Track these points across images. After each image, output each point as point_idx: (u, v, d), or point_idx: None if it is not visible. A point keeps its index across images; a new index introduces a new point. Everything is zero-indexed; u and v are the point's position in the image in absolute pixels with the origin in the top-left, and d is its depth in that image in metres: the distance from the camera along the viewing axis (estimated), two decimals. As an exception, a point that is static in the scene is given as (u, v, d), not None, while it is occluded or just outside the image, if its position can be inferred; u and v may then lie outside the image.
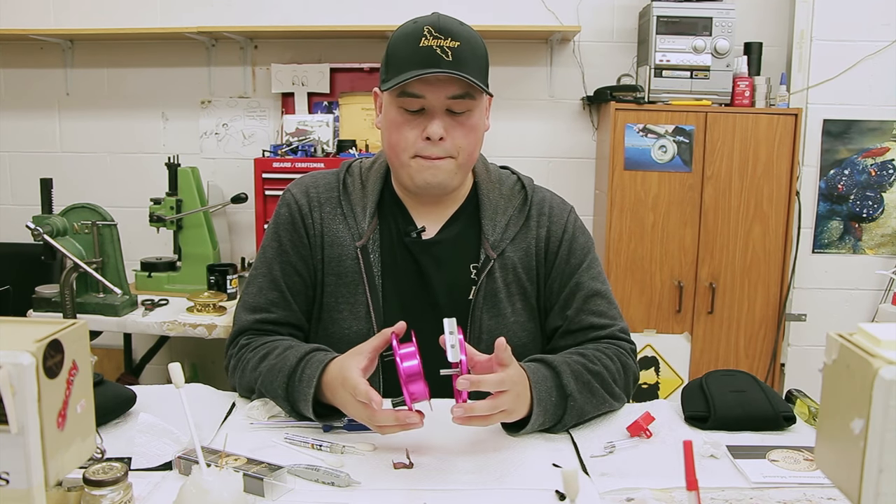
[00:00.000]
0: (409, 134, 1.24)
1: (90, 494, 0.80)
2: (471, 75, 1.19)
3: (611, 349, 1.30)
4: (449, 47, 1.18)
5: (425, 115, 1.23)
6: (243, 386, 1.29)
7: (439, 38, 1.18)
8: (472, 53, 1.21)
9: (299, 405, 1.16)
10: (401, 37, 1.23)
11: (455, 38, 1.19)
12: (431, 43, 1.18)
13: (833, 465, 0.63)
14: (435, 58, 1.18)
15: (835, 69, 2.89)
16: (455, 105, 1.22)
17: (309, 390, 1.14)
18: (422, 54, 1.18)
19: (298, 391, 1.16)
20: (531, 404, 1.12)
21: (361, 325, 1.30)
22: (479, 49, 1.23)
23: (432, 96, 1.20)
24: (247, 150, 3.27)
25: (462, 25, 1.22)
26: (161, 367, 3.20)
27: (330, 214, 1.34)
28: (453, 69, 1.18)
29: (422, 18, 1.22)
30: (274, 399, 1.22)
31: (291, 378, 1.17)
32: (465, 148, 1.26)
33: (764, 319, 2.87)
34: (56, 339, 0.63)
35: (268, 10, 3.18)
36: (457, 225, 1.36)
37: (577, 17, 3.12)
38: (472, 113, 1.25)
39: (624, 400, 1.28)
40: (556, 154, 3.23)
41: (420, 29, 1.19)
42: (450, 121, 1.23)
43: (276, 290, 1.33)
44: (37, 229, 2.28)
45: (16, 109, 3.35)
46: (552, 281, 1.36)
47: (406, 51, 1.20)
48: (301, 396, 1.15)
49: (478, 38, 1.24)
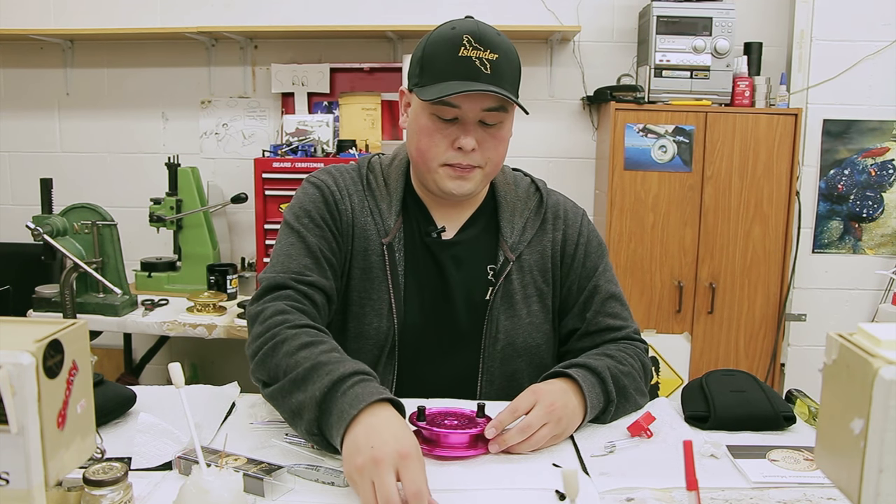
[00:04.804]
0: (441, 142, 1.24)
1: (90, 494, 0.80)
2: (506, 89, 1.20)
3: (630, 349, 1.32)
4: (488, 59, 1.18)
5: (457, 124, 1.23)
6: (268, 366, 1.11)
7: (479, 49, 1.18)
8: (508, 66, 1.21)
9: (331, 418, 1.00)
10: (439, 42, 1.21)
11: (494, 50, 1.19)
12: (471, 54, 1.18)
13: (833, 465, 0.63)
14: (474, 70, 1.18)
15: (835, 69, 2.89)
16: (488, 117, 1.22)
17: (351, 410, 0.97)
18: (461, 65, 1.18)
19: (337, 405, 1.00)
20: (584, 413, 1.16)
21: (382, 323, 1.29)
22: (515, 61, 1.24)
23: (468, 107, 1.21)
24: (247, 150, 3.27)
25: (499, 36, 1.22)
26: (161, 367, 3.20)
27: (359, 206, 1.33)
28: (492, 83, 1.18)
29: (459, 24, 1.21)
30: (299, 406, 1.05)
31: (337, 386, 1.02)
32: (493, 159, 1.27)
33: (764, 319, 2.87)
34: (56, 339, 0.63)
35: (268, 10, 3.18)
36: (476, 226, 1.36)
37: (577, 17, 3.12)
38: (504, 125, 1.25)
39: (647, 397, 1.31)
40: (556, 154, 3.23)
41: (459, 37, 1.19)
42: (481, 132, 1.23)
43: (311, 257, 1.24)
44: (37, 229, 2.28)
45: (16, 109, 3.35)
46: (570, 283, 1.37)
47: (444, 59, 1.19)
48: (336, 411, 1.00)
49: (513, 49, 1.24)
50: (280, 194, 2.90)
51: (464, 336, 1.32)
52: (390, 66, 3.15)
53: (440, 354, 1.31)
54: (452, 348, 1.32)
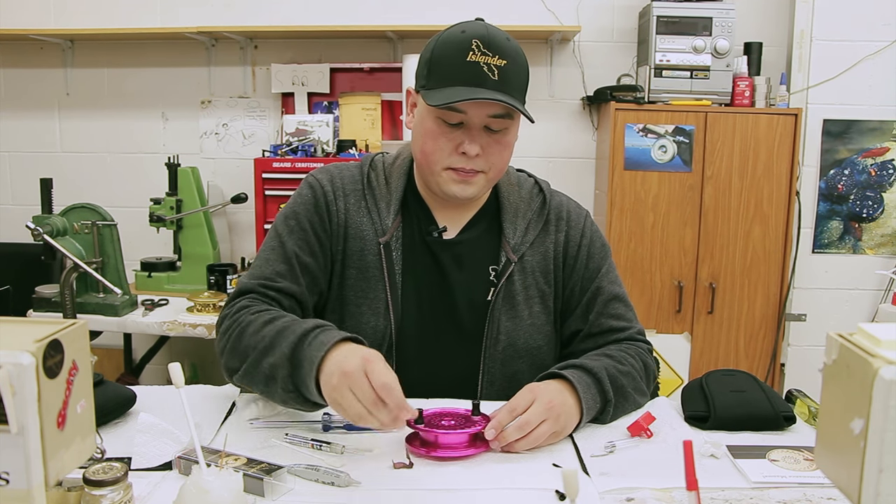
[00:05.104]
0: (445, 146, 1.24)
1: (90, 494, 0.80)
2: (514, 96, 1.20)
3: (632, 349, 1.33)
4: (496, 65, 1.18)
5: (463, 128, 1.23)
6: (238, 350, 1.17)
7: (487, 54, 1.18)
8: (515, 73, 1.21)
9: (303, 370, 1.06)
10: (447, 45, 1.21)
11: (503, 56, 1.18)
12: (479, 59, 1.17)
13: (833, 465, 0.63)
14: (482, 76, 1.17)
15: (835, 69, 2.89)
16: (494, 123, 1.22)
17: (318, 353, 1.04)
18: (469, 70, 1.17)
19: (306, 354, 1.07)
20: (580, 413, 1.15)
21: (379, 322, 1.30)
22: (523, 67, 1.23)
23: (473, 113, 1.21)
24: (247, 150, 3.27)
25: (509, 41, 1.21)
26: (161, 367, 3.20)
27: (354, 206, 1.33)
28: (499, 90, 1.18)
29: (469, 28, 1.21)
30: (272, 368, 1.11)
31: (302, 339, 1.08)
32: (496, 164, 1.27)
33: (764, 319, 2.87)
34: (56, 339, 0.63)
35: (268, 10, 3.18)
36: (478, 227, 1.36)
37: (577, 17, 3.12)
38: (509, 131, 1.25)
39: (648, 397, 1.31)
40: (556, 154, 3.23)
41: (468, 41, 1.18)
42: (486, 137, 1.23)
43: (285, 263, 1.28)
44: (37, 229, 2.28)
45: (16, 109, 3.35)
46: (573, 285, 1.37)
47: (452, 63, 1.19)
48: (307, 360, 1.06)
49: (522, 54, 1.24)
50: (280, 194, 2.90)
51: (464, 337, 1.32)
52: (390, 66, 3.15)
53: (440, 355, 1.31)
54: (453, 349, 1.32)
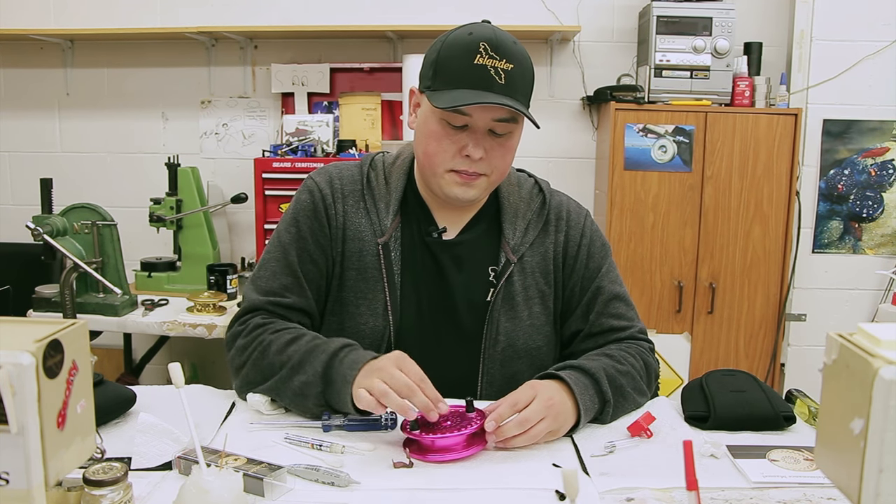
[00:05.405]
0: (449, 148, 1.24)
1: (90, 494, 0.80)
2: (519, 100, 1.20)
3: (632, 348, 1.33)
4: (503, 69, 1.18)
5: (467, 131, 1.23)
6: (260, 367, 1.22)
7: (494, 58, 1.17)
8: (522, 77, 1.21)
9: (335, 385, 1.13)
10: (454, 47, 1.20)
11: (510, 60, 1.18)
12: (486, 62, 1.17)
13: (833, 465, 0.63)
14: (488, 80, 1.17)
15: (835, 69, 2.89)
16: (498, 127, 1.22)
17: (353, 372, 1.12)
18: (475, 74, 1.17)
19: (338, 372, 1.14)
20: (577, 415, 1.15)
21: (378, 322, 1.30)
22: (529, 71, 1.23)
23: (478, 117, 1.20)
24: (247, 150, 3.27)
25: (515, 44, 1.21)
26: (161, 367, 3.20)
27: (353, 207, 1.33)
28: (504, 93, 1.18)
29: (476, 30, 1.20)
30: (304, 387, 1.16)
31: (333, 358, 1.15)
32: (499, 168, 1.27)
33: (764, 319, 2.87)
34: (56, 339, 0.63)
35: (268, 9, 3.18)
36: (478, 227, 1.36)
37: (577, 17, 3.12)
38: (513, 135, 1.26)
39: (648, 396, 1.31)
40: (556, 154, 3.23)
41: (476, 44, 1.18)
42: (490, 141, 1.23)
43: (291, 276, 1.30)
44: (37, 229, 2.28)
45: (16, 109, 3.35)
46: (573, 285, 1.37)
47: (459, 65, 1.18)
48: (339, 377, 1.13)
49: (528, 58, 1.23)
50: (280, 194, 2.90)
51: (464, 337, 1.32)
52: (390, 66, 3.15)
53: (440, 355, 1.31)
54: (452, 349, 1.32)
